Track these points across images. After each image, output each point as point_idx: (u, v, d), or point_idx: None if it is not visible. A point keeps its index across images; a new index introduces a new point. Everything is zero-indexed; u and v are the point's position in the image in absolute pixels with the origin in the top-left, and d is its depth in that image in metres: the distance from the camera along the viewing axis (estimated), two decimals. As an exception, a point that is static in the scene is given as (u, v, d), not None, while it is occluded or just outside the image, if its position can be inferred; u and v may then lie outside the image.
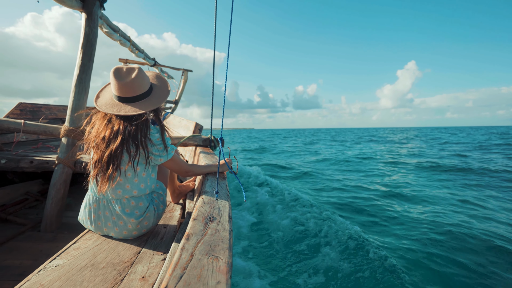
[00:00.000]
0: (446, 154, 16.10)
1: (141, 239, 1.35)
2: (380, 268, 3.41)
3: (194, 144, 2.62)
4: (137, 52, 4.57)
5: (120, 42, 3.79)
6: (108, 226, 1.28)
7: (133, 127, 1.20)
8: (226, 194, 1.22)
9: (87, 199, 1.32)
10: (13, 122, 2.42)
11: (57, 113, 4.73)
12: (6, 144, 3.15)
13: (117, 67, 1.27)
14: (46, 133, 2.44)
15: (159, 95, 1.35)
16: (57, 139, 4.00)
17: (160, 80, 1.44)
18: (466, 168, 10.47)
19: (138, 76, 1.26)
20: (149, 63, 5.45)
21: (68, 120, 2.34)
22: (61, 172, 2.29)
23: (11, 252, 1.82)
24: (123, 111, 1.23)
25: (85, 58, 2.36)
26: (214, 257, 0.68)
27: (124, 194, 1.25)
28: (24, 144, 3.41)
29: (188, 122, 3.29)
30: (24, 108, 4.10)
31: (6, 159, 2.41)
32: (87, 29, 2.37)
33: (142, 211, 1.30)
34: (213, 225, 0.87)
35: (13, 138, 3.33)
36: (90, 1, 2.37)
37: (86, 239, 1.30)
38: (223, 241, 0.78)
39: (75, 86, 2.34)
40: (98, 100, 1.32)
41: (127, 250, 1.23)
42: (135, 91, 1.26)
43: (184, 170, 1.46)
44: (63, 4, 2.17)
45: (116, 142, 1.18)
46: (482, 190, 7.41)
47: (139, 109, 1.24)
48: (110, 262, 1.11)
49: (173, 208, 1.82)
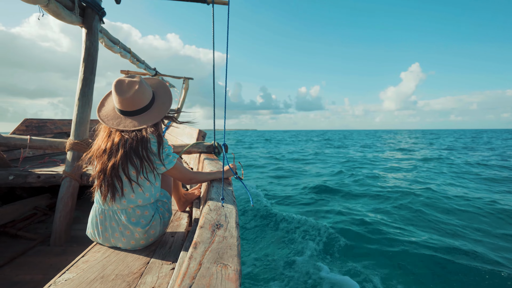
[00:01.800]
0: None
1: (149, 249, 1.35)
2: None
3: (198, 151, 2.63)
4: (138, 63, 4.63)
5: (121, 54, 3.83)
6: (115, 236, 1.29)
7: (134, 140, 1.22)
8: (232, 200, 1.22)
9: (94, 211, 1.33)
10: (20, 139, 2.45)
11: (62, 127, 4.79)
12: (13, 160, 3.19)
13: (119, 80, 1.29)
14: (52, 147, 2.46)
15: (160, 108, 1.37)
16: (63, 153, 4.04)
17: (162, 89, 1.45)
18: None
19: (139, 90, 1.28)
20: (150, 73, 5.51)
21: (73, 134, 2.36)
22: (68, 186, 2.31)
23: (21, 267, 1.84)
24: (122, 125, 1.26)
25: (87, 71, 2.39)
26: (223, 265, 0.68)
27: (129, 203, 1.26)
28: (31, 160, 3.45)
29: (192, 129, 3.30)
30: (29, 124, 4.16)
31: (14, 175, 2.44)
32: (88, 43, 2.41)
33: (148, 220, 1.30)
34: (220, 232, 0.87)
35: (19, 154, 3.38)
36: (90, 16, 2.41)
37: (94, 251, 1.30)
38: (231, 248, 0.77)
39: (78, 100, 2.37)
40: (102, 110, 1.35)
41: (136, 261, 1.23)
42: (136, 105, 1.28)
43: (187, 178, 1.46)
44: (63, 20, 2.20)
45: (118, 154, 1.20)
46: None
47: (138, 123, 1.27)
48: (119, 273, 1.11)
49: (180, 216, 1.82)
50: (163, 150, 1.29)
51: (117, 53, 3.69)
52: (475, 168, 12.12)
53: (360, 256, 4.10)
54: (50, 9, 2.02)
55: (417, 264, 3.80)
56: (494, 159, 15.35)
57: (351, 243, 4.43)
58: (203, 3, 2.25)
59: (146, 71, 5.32)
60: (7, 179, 2.42)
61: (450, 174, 10.82)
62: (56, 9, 2.04)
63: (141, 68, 4.95)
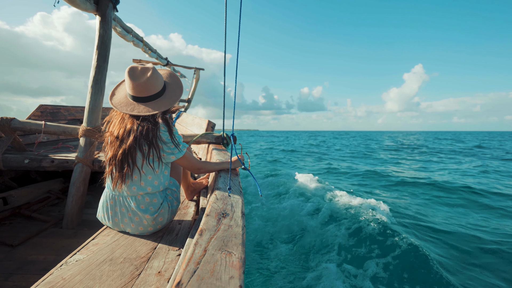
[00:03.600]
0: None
1: (157, 235, 1.38)
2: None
3: (207, 141, 2.64)
4: (150, 52, 4.65)
5: (133, 43, 3.86)
6: (125, 222, 1.32)
7: (145, 126, 1.23)
8: (239, 190, 1.23)
9: (104, 196, 1.36)
10: (35, 124, 2.52)
11: (75, 114, 4.89)
12: (28, 144, 3.29)
13: (132, 66, 1.30)
14: (65, 133, 2.52)
15: (172, 95, 1.38)
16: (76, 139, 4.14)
17: (173, 79, 1.46)
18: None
19: (152, 76, 1.28)
20: (162, 63, 5.53)
21: (86, 121, 2.41)
22: (80, 171, 2.37)
23: (35, 248, 1.91)
24: (136, 110, 1.26)
25: (100, 59, 2.42)
26: (227, 253, 0.69)
27: (139, 190, 1.28)
28: (45, 145, 3.55)
29: (201, 120, 3.32)
30: (44, 110, 4.27)
31: (29, 159, 2.52)
32: (101, 31, 2.43)
33: (156, 208, 1.32)
34: (226, 221, 0.88)
35: (35, 138, 3.48)
36: (104, 3, 2.43)
37: (104, 235, 1.34)
38: (236, 236, 0.78)
39: (91, 87, 2.41)
40: (114, 98, 1.36)
41: (143, 245, 1.26)
42: (149, 91, 1.29)
43: (196, 167, 1.47)
44: (77, 7, 2.23)
45: (129, 140, 1.22)
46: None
47: (152, 109, 1.27)
48: (127, 257, 1.15)
49: (188, 205, 1.85)
50: (174, 139, 1.30)
51: (130, 42, 3.71)
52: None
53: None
54: (65, -4, 2.04)
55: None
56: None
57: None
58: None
59: (158, 61, 5.35)
60: (23, 162, 2.50)
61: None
62: (71, -4, 2.06)
63: (153, 57, 4.97)
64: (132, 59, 5.35)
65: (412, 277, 3.42)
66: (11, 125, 2.47)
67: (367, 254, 3.98)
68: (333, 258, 3.88)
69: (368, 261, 3.75)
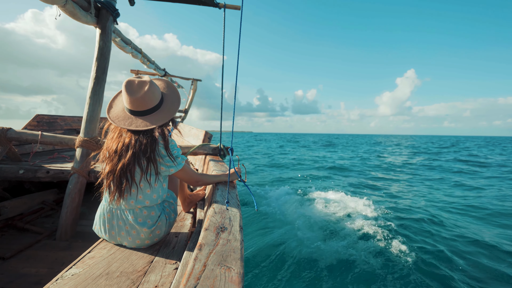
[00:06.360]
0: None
1: (154, 248, 1.37)
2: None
3: (204, 153, 2.66)
4: (148, 63, 4.70)
5: (132, 55, 3.90)
6: (122, 235, 1.31)
7: (143, 141, 1.23)
8: (236, 203, 1.24)
9: (101, 209, 1.35)
10: (31, 134, 2.51)
11: (72, 123, 4.88)
12: (23, 154, 3.26)
13: (129, 80, 1.30)
14: (62, 143, 2.52)
15: (170, 107, 1.38)
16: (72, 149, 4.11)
17: (171, 90, 1.46)
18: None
19: (149, 90, 1.29)
20: (160, 74, 5.59)
21: (83, 131, 2.41)
22: (76, 182, 2.35)
23: (28, 260, 1.88)
24: (134, 125, 1.27)
25: (99, 71, 2.45)
26: (226, 268, 0.69)
27: (137, 204, 1.28)
28: (40, 155, 3.52)
29: (198, 131, 3.34)
30: (41, 119, 4.25)
31: (24, 170, 2.50)
32: (101, 43, 2.46)
33: (154, 220, 1.32)
34: (224, 235, 0.89)
35: (30, 148, 3.45)
36: (104, 16, 2.47)
37: (100, 248, 1.33)
38: (235, 251, 0.79)
39: (89, 98, 2.42)
40: (111, 111, 1.35)
41: (140, 259, 1.25)
42: (146, 105, 1.29)
43: (194, 180, 1.48)
44: (79, 20, 2.26)
45: (127, 155, 1.22)
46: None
47: (149, 123, 1.28)
48: (124, 271, 1.14)
49: (184, 217, 1.84)
50: (172, 152, 1.30)
51: (129, 53, 3.76)
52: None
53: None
54: (66, 9, 2.08)
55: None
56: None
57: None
58: (215, 7, 2.29)
59: (156, 71, 5.40)
60: (18, 173, 2.48)
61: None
62: (73, 9, 2.10)
63: (151, 68, 5.02)
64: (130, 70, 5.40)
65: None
66: (7, 135, 2.46)
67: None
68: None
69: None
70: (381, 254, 4.32)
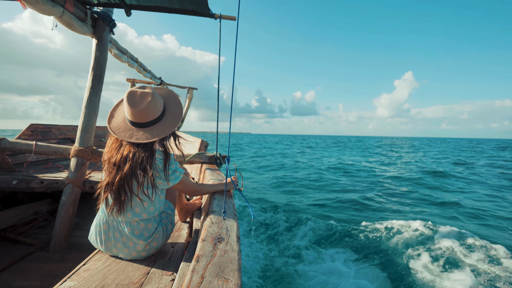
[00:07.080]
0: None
1: (150, 259, 1.36)
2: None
3: (200, 161, 2.65)
4: (144, 72, 4.71)
5: (128, 64, 3.92)
6: (118, 247, 1.30)
7: (141, 154, 1.21)
8: (233, 213, 1.23)
9: (97, 220, 1.34)
10: (25, 144, 2.49)
11: (66, 133, 4.84)
12: (17, 164, 3.22)
13: (131, 91, 1.28)
14: (56, 153, 2.50)
15: (172, 118, 1.36)
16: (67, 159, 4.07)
17: (173, 100, 1.43)
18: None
19: (152, 101, 1.26)
20: (156, 82, 5.60)
21: (78, 141, 2.40)
22: (70, 192, 2.32)
23: (20, 273, 1.84)
24: (135, 137, 1.24)
25: (95, 80, 2.45)
26: (224, 279, 0.69)
27: (134, 217, 1.27)
28: (34, 164, 3.48)
29: (194, 139, 3.34)
30: (35, 129, 4.21)
31: (17, 180, 2.46)
32: (98, 53, 2.47)
33: (151, 233, 1.31)
34: (221, 246, 0.88)
35: (24, 158, 3.41)
36: (101, 27, 2.49)
37: (96, 260, 1.31)
38: (232, 262, 0.78)
39: (85, 107, 2.42)
40: (112, 122, 1.33)
41: (136, 270, 1.24)
42: (148, 117, 1.27)
43: (192, 190, 1.48)
44: (75, 31, 2.28)
45: (125, 168, 1.20)
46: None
47: (150, 136, 1.25)
48: (119, 283, 1.12)
49: (181, 227, 1.83)
50: (169, 166, 1.29)
51: (125, 63, 3.77)
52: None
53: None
54: (63, 20, 2.09)
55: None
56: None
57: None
58: (211, 18, 2.32)
59: (152, 80, 5.41)
60: (11, 183, 2.45)
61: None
62: (70, 20, 2.12)
63: (147, 77, 5.04)
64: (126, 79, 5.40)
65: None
66: (0, 145, 2.43)
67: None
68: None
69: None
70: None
